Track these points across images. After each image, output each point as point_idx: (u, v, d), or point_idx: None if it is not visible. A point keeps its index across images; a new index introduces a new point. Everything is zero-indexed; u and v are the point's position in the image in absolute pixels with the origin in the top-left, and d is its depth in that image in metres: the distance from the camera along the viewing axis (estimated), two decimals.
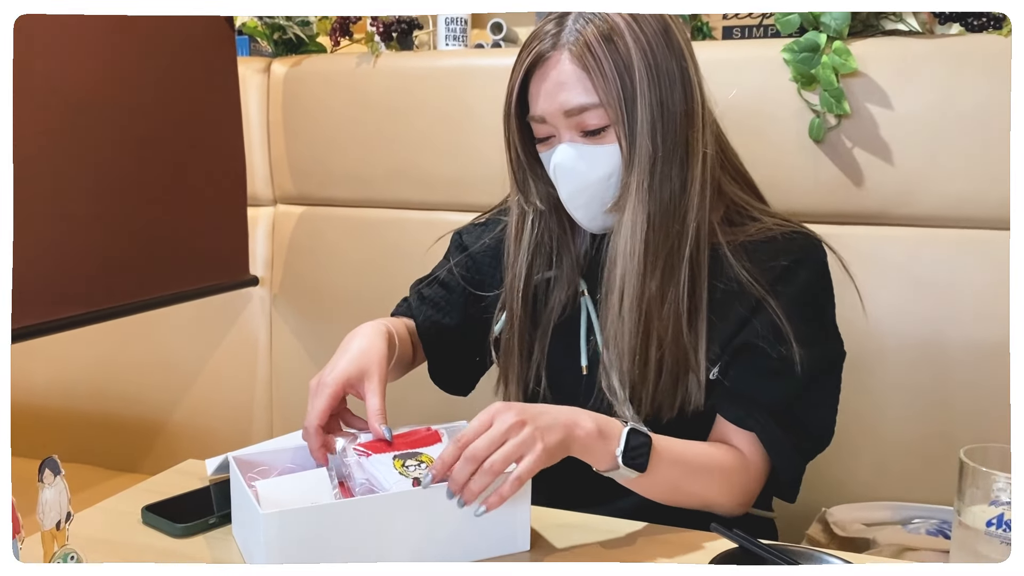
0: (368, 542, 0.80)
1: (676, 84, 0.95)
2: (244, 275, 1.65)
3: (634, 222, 0.95)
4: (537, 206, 1.03)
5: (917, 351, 1.32)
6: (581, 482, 0.98)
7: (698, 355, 0.98)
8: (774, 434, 0.98)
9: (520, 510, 0.87)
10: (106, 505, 0.98)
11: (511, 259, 1.07)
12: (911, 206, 1.32)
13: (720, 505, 0.99)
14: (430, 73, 1.57)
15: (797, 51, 1.32)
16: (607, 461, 0.89)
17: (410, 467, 0.85)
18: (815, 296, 1.01)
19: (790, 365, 0.97)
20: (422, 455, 0.87)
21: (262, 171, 1.69)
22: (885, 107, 1.31)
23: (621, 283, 0.96)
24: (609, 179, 0.97)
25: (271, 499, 0.82)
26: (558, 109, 0.95)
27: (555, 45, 0.95)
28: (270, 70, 1.67)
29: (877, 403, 1.34)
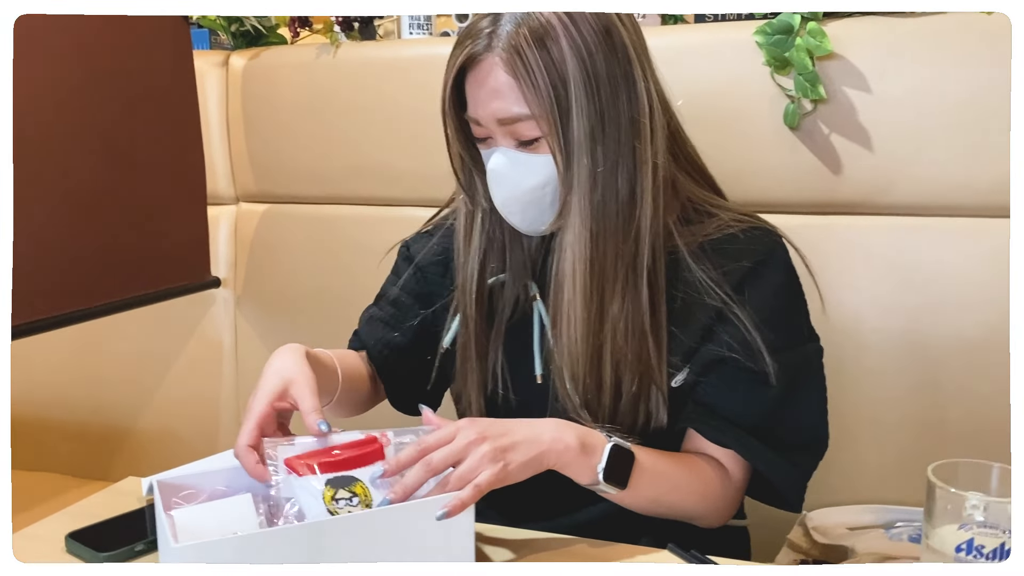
0: (294, 570, 0.75)
1: (619, 91, 0.88)
2: (206, 276, 1.60)
3: (576, 241, 0.89)
4: (483, 205, 0.98)
5: (900, 344, 1.26)
6: (547, 493, 0.94)
7: (661, 369, 0.94)
8: (758, 450, 0.94)
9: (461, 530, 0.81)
10: (31, 531, 0.93)
11: (461, 259, 1.01)
12: (892, 194, 1.25)
13: (701, 518, 0.97)
14: (394, 63, 1.51)
15: (770, 33, 1.25)
16: (588, 476, 0.86)
17: (340, 501, 0.79)
18: (784, 299, 0.96)
19: (765, 376, 0.92)
20: (356, 485, 0.80)
21: (223, 168, 1.63)
22: (863, 91, 1.24)
23: (568, 307, 0.91)
24: (543, 188, 0.91)
25: (189, 529, 0.77)
26: (491, 116, 0.90)
27: (488, 46, 0.88)
28: (228, 63, 1.61)
29: (859, 400, 1.28)
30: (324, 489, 0.79)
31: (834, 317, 1.28)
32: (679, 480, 0.93)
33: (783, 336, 0.94)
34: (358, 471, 0.82)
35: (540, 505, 0.98)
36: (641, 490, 0.89)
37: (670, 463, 0.93)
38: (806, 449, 0.98)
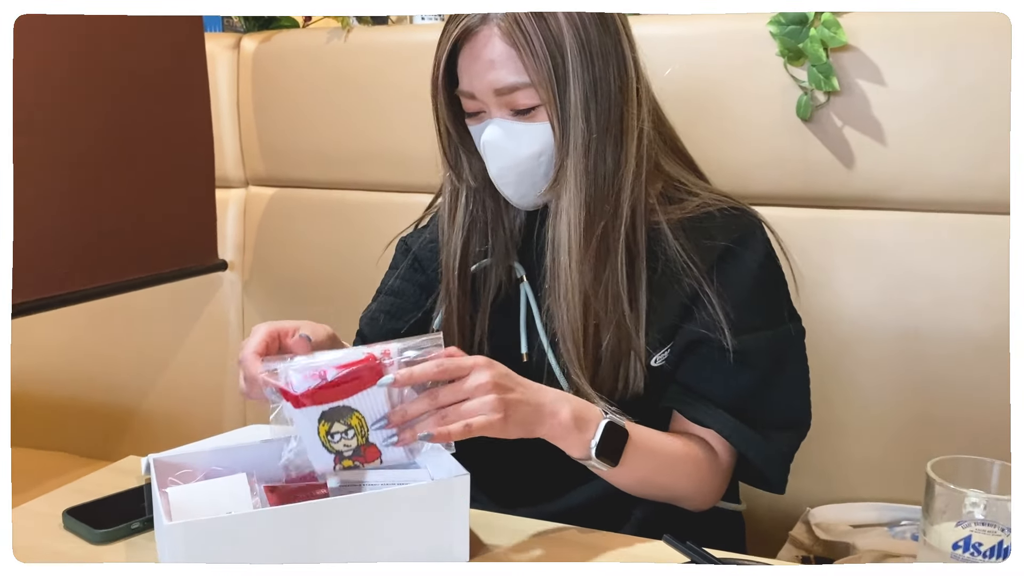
0: (287, 552, 0.75)
1: (610, 61, 0.91)
2: (213, 259, 1.60)
3: (570, 206, 0.91)
4: (470, 183, 0.99)
5: (908, 341, 1.25)
6: (536, 477, 0.97)
7: (639, 336, 0.95)
8: (737, 429, 0.94)
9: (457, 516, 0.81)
10: (30, 507, 0.94)
11: (445, 237, 1.03)
12: (904, 189, 1.24)
13: (689, 499, 0.97)
14: (405, 48, 1.50)
15: (784, 23, 1.23)
16: (581, 450, 0.86)
17: (336, 435, 0.78)
18: (761, 279, 0.97)
19: (744, 356, 0.93)
20: (351, 416, 0.78)
21: (232, 152, 1.63)
22: (878, 83, 1.22)
23: (564, 268, 0.93)
24: (539, 157, 0.93)
25: (183, 508, 0.77)
26: (487, 87, 0.91)
27: (484, 19, 0.90)
28: (240, 46, 1.61)
29: (864, 395, 1.27)
30: (318, 425, 0.78)
31: (840, 311, 1.27)
32: (670, 460, 0.94)
33: (760, 316, 0.96)
34: (354, 399, 0.78)
35: (529, 489, 0.99)
36: (633, 468, 0.89)
37: (663, 443, 0.93)
38: (787, 429, 0.98)
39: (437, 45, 0.95)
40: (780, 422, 0.97)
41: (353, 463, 0.80)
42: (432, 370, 0.77)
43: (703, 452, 0.96)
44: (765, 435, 0.96)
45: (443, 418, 0.78)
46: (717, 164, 1.27)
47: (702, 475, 0.96)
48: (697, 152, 1.18)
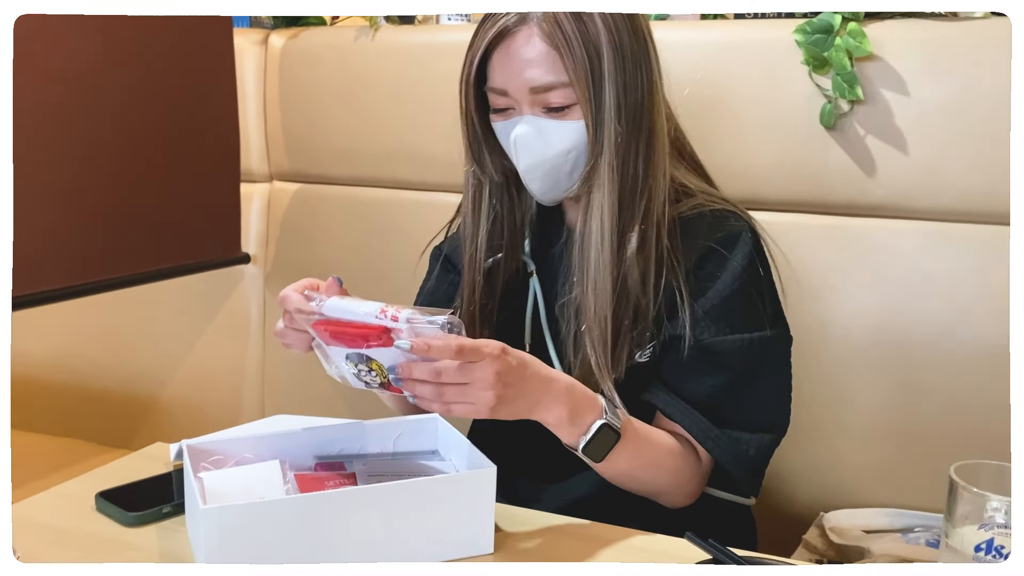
0: (316, 539, 0.76)
1: (640, 66, 0.95)
2: (236, 252, 1.62)
3: (604, 201, 0.94)
4: (493, 177, 1.03)
5: (925, 349, 1.26)
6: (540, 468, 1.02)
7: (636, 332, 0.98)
8: (704, 427, 0.97)
9: (483, 510, 0.82)
10: (62, 489, 0.95)
11: (469, 231, 1.05)
12: (924, 198, 1.25)
13: (666, 495, 1.00)
14: (431, 48, 1.52)
15: (810, 32, 1.25)
16: (570, 440, 0.90)
17: (360, 371, 0.84)
18: (743, 281, 0.98)
19: (719, 356, 0.96)
20: (372, 362, 0.83)
21: (258, 147, 1.65)
22: (901, 93, 1.23)
23: (594, 262, 0.95)
24: (568, 154, 0.96)
25: (217, 492, 0.79)
26: (523, 85, 0.94)
27: (523, 19, 0.93)
28: (268, 42, 1.63)
29: (878, 401, 1.28)
30: (345, 361, 0.84)
31: (856, 317, 1.28)
32: (656, 458, 0.96)
33: (739, 318, 0.98)
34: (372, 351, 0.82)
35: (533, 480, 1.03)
36: (617, 463, 0.92)
37: (652, 440, 0.96)
38: (758, 432, 0.99)
39: (470, 44, 0.98)
40: (751, 424, 0.99)
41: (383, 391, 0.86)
42: (450, 348, 0.79)
43: (685, 450, 0.98)
44: (733, 436, 0.97)
45: (440, 395, 0.80)
46: (740, 168, 1.29)
47: (683, 473, 0.98)
48: (720, 156, 1.20)
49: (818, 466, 1.32)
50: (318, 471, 0.87)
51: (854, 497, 1.30)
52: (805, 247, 1.28)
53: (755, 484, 1.02)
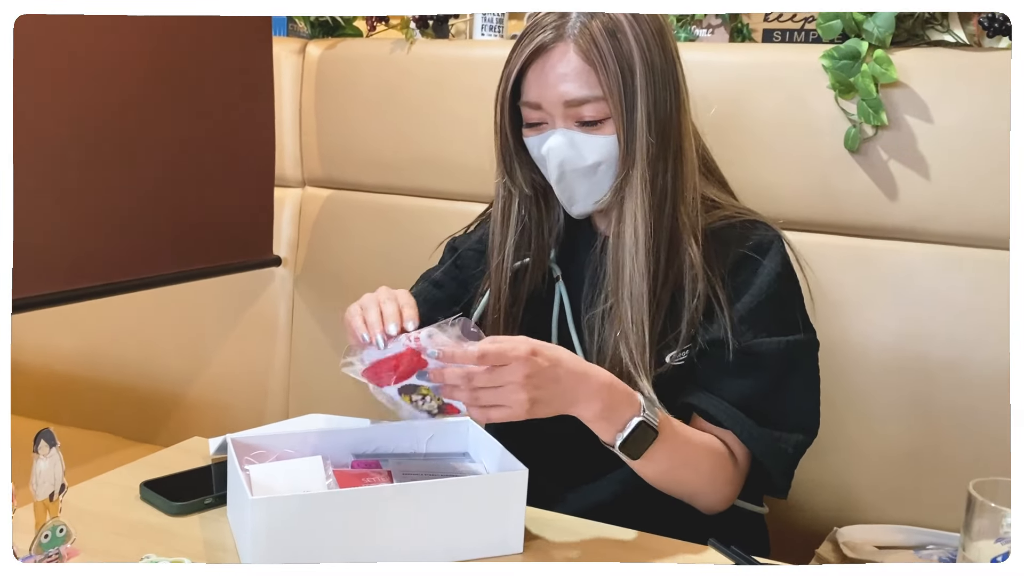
0: (357, 534, 0.80)
1: (669, 83, 0.99)
2: (268, 255, 1.65)
3: (637, 211, 0.98)
4: (523, 189, 1.06)
5: (942, 370, 1.28)
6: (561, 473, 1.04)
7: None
8: (746, 425, 1.00)
9: (514, 511, 0.85)
10: (106, 478, 0.99)
11: (497, 240, 1.09)
12: (945, 223, 1.28)
13: (704, 497, 1.02)
14: (464, 62, 1.56)
15: (837, 58, 1.28)
16: (607, 437, 0.92)
17: (417, 402, 0.90)
18: (776, 288, 1.03)
19: (756, 358, 0.99)
20: (420, 388, 0.89)
21: (292, 152, 1.69)
22: (925, 120, 1.26)
23: (629, 269, 0.99)
24: (599, 167, 1.00)
25: (263, 484, 0.82)
26: (558, 99, 0.98)
27: (559, 36, 0.97)
28: (305, 52, 1.67)
29: (898, 423, 1.31)
30: (401, 397, 0.89)
31: (874, 338, 1.31)
32: (693, 457, 0.99)
33: (774, 322, 1.02)
34: (415, 378, 0.90)
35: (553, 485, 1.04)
36: (656, 462, 0.94)
37: (689, 440, 0.99)
38: (794, 432, 1.03)
39: (507, 60, 1.02)
40: (787, 424, 1.03)
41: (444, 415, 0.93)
42: (472, 355, 0.82)
43: (723, 452, 1.01)
44: (773, 435, 1.01)
45: (475, 399, 0.84)
46: (764, 188, 1.32)
47: (719, 475, 1.01)
48: (746, 176, 1.24)
49: (833, 482, 1.35)
50: (356, 468, 0.91)
51: (868, 514, 1.32)
52: (826, 267, 1.30)
53: (788, 483, 1.05)
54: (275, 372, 1.71)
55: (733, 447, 1.02)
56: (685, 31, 1.48)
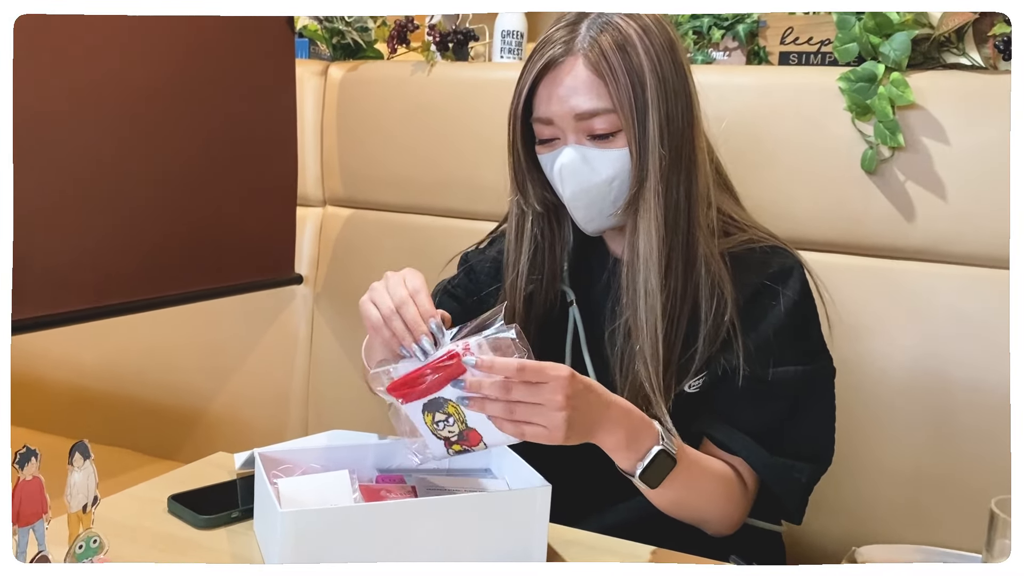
0: (383, 547, 0.81)
1: (680, 98, 0.99)
2: (289, 273, 1.68)
3: (650, 226, 0.98)
4: (535, 208, 1.06)
5: (960, 391, 1.29)
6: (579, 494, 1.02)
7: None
8: (760, 456, 1.00)
9: (538, 525, 0.86)
10: (135, 491, 1.00)
11: (512, 258, 1.09)
12: (963, 244, 1.29)
13: (713, 523, 1.02)
14: (483, 84, 1.58)
15: (853, 80, 1.30)
16: (626, 465, 0.91)
17: (440, 424, 0.85)
18: (795, 316, 1.03)
19: (773, 387, 1.00)
20: (448, 406, 0.84)
21: (313, 172, 1.71)
22: (942, 142, 1.28)
23: (642, 284, 0.99)
24: (612, 182, 1.00)
25: (291, 498, 0.83)
26: (569, 112, 0.98)
27: (568, 51, 0.98)
28: (327, 73, 1.70)
29: (916, 444, 1.31)
30: (423, 416, 0.85)
31: (891, 359, 1.31)
32: (707, 486, 0.99)
33: (792, 350, 1.02)
34: (446, 390, 0.84)
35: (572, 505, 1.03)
36: (672, 490, 0.94)
37: (703, 468, 0.99)
38: (809, 461, 1.03)
39: (519, 78, 1.03)
40: (802, 453, 1.03)
41: (461, 447, 0.86)
42: (512, 367, 0.81)
43: (733, 478, 1.01)
44: (786, 464, 1.01)
45: (511, 412, 0.82)
46: (783, 209, 1.33)
47: (730, 501, 1.01)
48: (764, 197, 1.25)
49: (851, 503, 1.35)
50: (380, 483, 0.92)
51: (887, 534, 1.32)
52: (844, 288, 1.31)
53: (802, 511, 1.05)
54: (295, 389, 1.73)
55: (743, 472, 1.02)
56: (702, 54, 1.50)
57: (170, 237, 1.47)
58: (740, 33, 1.47)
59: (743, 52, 1.49)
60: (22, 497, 0.72)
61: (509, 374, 0.81)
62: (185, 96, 1.44)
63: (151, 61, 1.39)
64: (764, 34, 1.49)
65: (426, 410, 0.85)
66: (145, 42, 1.37)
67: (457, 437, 0.85)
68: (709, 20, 1.48)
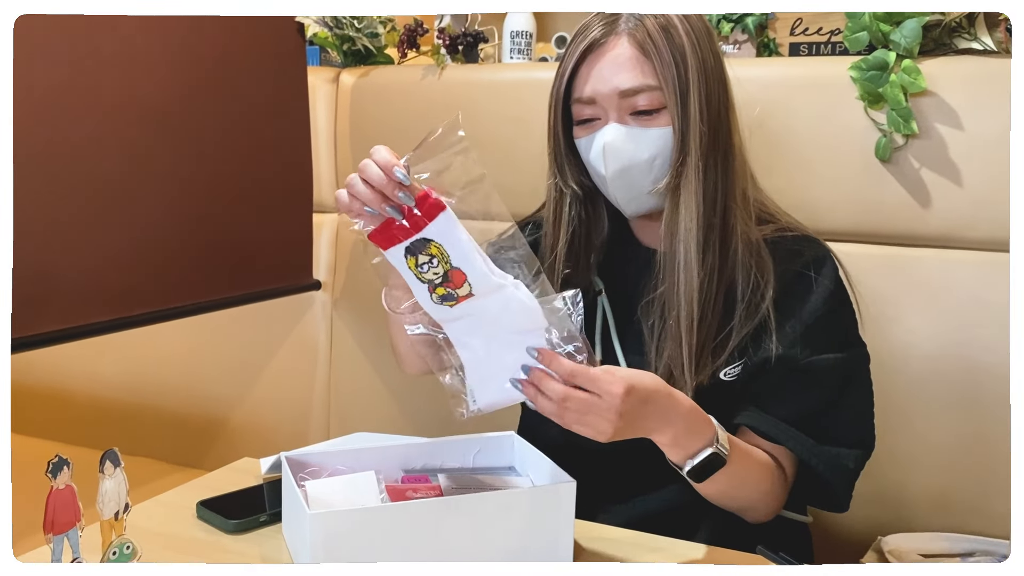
0: (410, 546, 0.81)
1: (717, 80, 1.01)
2: (307, 279, 1.69)
3: (690, 202, 0.99)
4: (574, 189, 1.08)
5: (984, 377, 1.28)
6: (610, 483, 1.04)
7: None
8: (807, 445, 1.01)
9: (563, 521, 0.87)
10: (164, 498, 1.02)
11: (551, 241, 1.10)
12: (980, 229, 1.28)
13: (754, 511, 1.03)
14: (494, 85, 1.59)
15: (865, 69, 1.29)
16: (678, 460, 0.92)
17: (423, 266, 0.83)
18: (831, 303, 1.04)
19: (813, 375, 1.00)
20: (430, 246, 0.82)
21: (328, 179, 1.73)
22: (956, 127, 1.27)
23: (683, 257, 1.00)
24: (653, 161, 1.01)
25: (319, 499, 0.84)
26: (613, 90, 0.99)
27: (612, 31, 1.00)
28: (339, 80, 1.71)
29: (941, 432, 1.31)
30: (406, 261, 0.84)
31: (912, 346, 1.31)
32: (752, 477, 1.00)
33: (829, 338, 1.02)
34: (427, 230, 0.83)
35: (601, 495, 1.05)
36: (716, 483, 0.94)
37: (749, 461, 0.99)
38: (853, 447, 1.04)
39: (559, 62, 1.05)
40: (846, 440, 1.03)
41: (445, 290, 0.84)
42: (565, 370, 0.82)
43: (774, 467, 1.02)
44: (833, 451, 1.02)
45: (560, 415, 0.82)
46: (799, 200, 1.32)
47: (772, 491, 1.02)
48: (779, 187, 1.24)
49: (878, 492, 1.34)
50: (406, 483, 0.93)
51: (914, 522, 1.32)
52: (864, 277, 1.30)
53: (849, 498, 1.06)
54: (316, 393, 1.74)
55: (783, 461, 1.03)
56: None
57: (189, 247, 1.49)
58: (749, 26, 1.47)
59: (753, 44, 1.49)
60: (56, 506, 0.73)
61: (564, 375, 0.82)
62: (200, 107, 1.46)
63: (166, 74, 1.40)
64: (773, 26, 1.49)
65: (408, 254, 0.83)
66: (159, 55, 1.38)
67: (441, 279, 0.83)
68: (718, 14, 1.48)
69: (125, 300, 1.43)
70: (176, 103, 1.42)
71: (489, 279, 0.83)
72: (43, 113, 1.24)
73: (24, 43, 1.18)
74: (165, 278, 1.47)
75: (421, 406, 1.65)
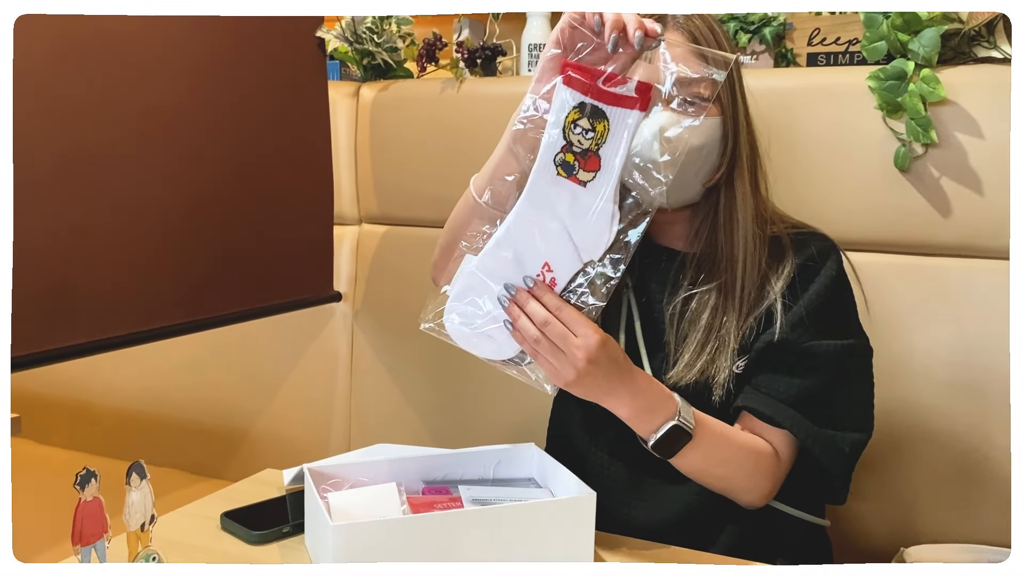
0: (432, 556, 0.82)
1: (742, 87, 1.07)
2: (328, 291, 1.70)
3: (745, 188, 1.05)
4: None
5: (1006, 387, 1.27)
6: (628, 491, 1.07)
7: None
8: (803, 425, 1.02)
9: (584, 532, 0.87)
10: (188, 510, 1.03)
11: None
12: (1001, 238, 1.27)
13: (743, 494, 1.04)
14: (512, 98, 1.57)
15: (883, 79, 1.29)
16: (642, 433, 0.96)
17: (577, 127, 0.83)
18: (834, 292, 1.06)
19: (813, 359, 1.02)
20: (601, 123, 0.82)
21: (348, 191, 1.74)
22: (976, 136, 1.27)
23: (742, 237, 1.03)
24: (702, 150, 1.03)
25: (341, 511, 0.85)
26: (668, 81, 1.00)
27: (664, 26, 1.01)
28: (359, 94, 1.72)
29: (960, 441, 1.30)
30: (570, 110, 0.83)
31: (933, 355, 1.31)
32: (733, 457, 1.01)
33: (830, 325, 1.04)
34: (615, 109, 0.82)
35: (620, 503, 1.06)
36: (688, 460, 0.98)
37: (727, 439, 1.01)
38: (850, 432, 1.05)
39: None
40: (844, 424, 1.04)
41: (574, 159, 0.84)
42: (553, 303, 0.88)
43: (765, 450, 1.03)
44: (828, 434, 1.03)
45: (536, 341, 0.88)
46: (818, 210, 1.33)
47: (759, 473, 1.03)
48: (799, 197, 1.25)
49: (895, 502, 1.34)
50: (427, 494, 0.93)
51: (934, 532, 1.31)
52: (884, 286, 1.31)
53: (847, 485, 1.06)
54: (337, 404, 1.75)
55: (778, 446, 1.04)
56: None
57: (211, 260, 1.50)
58: (767, 36, 1.47)
59: (770, 55, 1.49)
60: (84, 517, 0.75)
61: (551, 307, 0.87)
62: (222, 121, 1.48)
63: (188, 89, 1.42)
64: (791, 36, 1.49)
65: (578, 108, 0.82)
66: (182, 69, 1.40)
67: (580, 151, 0.83)
68: (735, 24, 1.49)
69: (148, 312, 1.45)
70: (200, 118, 1.44)
71: (609, 184, 0.84)
72: (67, 125, 1.26)
73: (51, 55, 1.21)
74: (187, 291, 1.48)
75: (441, 417, 1.66)
